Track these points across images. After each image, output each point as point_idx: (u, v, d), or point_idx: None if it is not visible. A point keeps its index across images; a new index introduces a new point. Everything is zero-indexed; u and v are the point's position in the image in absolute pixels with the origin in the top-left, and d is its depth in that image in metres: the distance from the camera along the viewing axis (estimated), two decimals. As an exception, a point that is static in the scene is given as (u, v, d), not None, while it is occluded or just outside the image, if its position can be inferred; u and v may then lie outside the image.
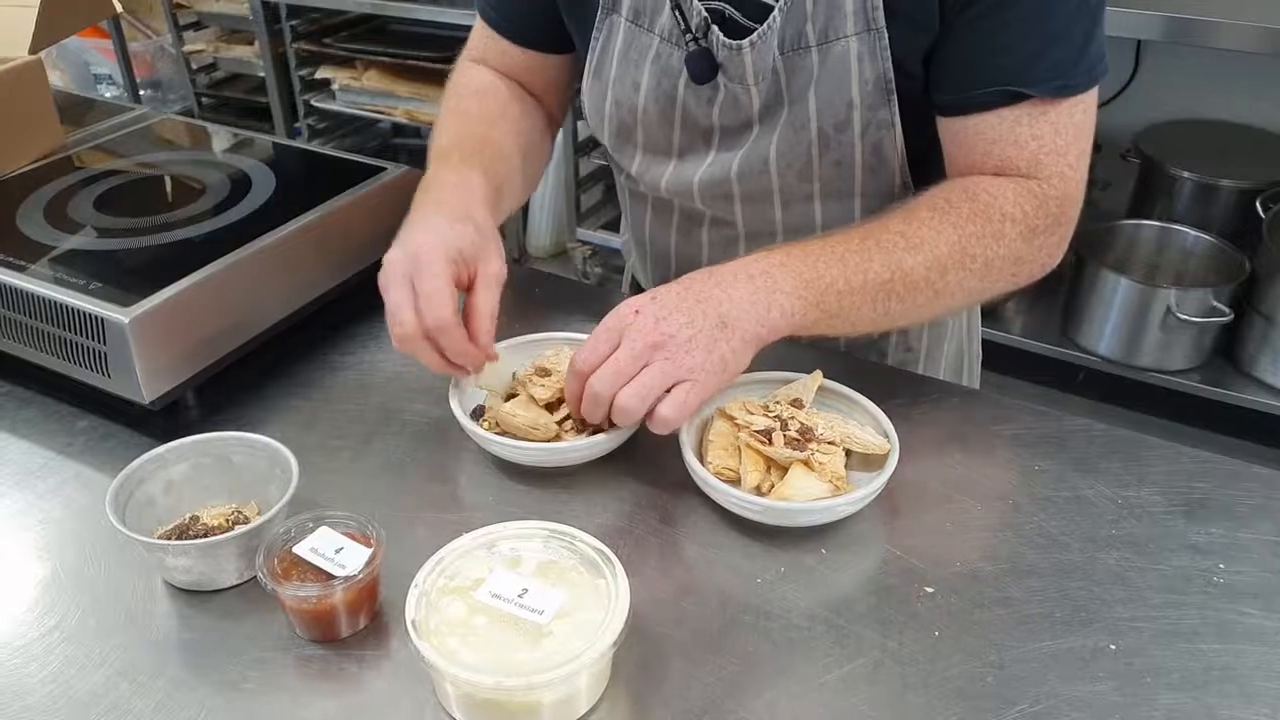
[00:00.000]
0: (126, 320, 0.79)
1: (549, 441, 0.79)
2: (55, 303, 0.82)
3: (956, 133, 0.83)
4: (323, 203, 0.97)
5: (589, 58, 0.93)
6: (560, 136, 2.78)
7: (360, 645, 0.66)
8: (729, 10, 0.84)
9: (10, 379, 0.91)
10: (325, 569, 0.65)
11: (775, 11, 0.82)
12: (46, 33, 1.10)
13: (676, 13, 0.85)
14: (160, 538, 0.71)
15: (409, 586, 0.62)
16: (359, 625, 0.67)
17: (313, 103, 2.99)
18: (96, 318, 0.80)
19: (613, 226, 2.88)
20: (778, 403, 0.79)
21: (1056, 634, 0.67)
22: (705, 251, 1.01)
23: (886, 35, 0.80)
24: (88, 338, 0.81)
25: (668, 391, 0.73)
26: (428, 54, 2.78)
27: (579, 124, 2.75)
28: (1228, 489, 0.79)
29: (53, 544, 0.74)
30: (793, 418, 0.77)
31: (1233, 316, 1.94)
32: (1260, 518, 0.76)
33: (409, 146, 3.36)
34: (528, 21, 0.98)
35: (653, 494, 0.79)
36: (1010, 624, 0.67)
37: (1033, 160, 0.80)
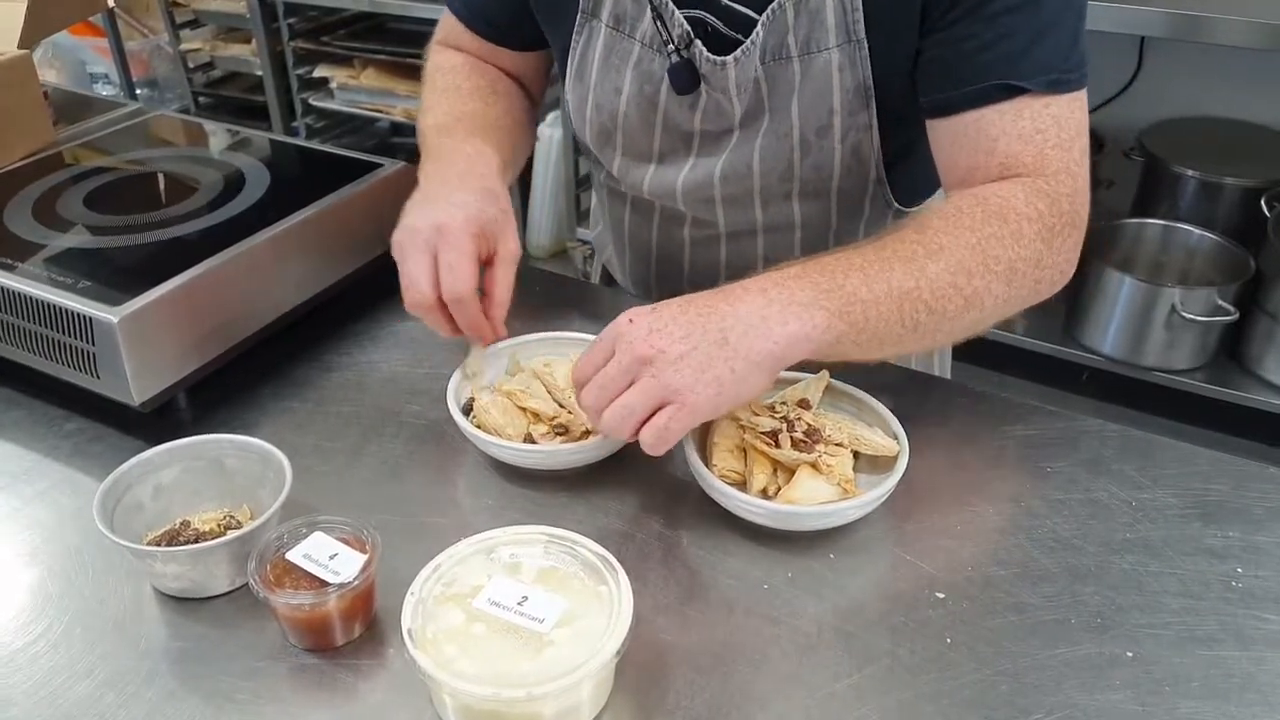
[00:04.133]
0: (115, 320, 0.77)
1: (519, 442, 0.77)
2: (43, 302, 0.80)
3: (955, 133, 0.80)
4: (318, 199, 0.95)
5: (569, 61, 0.93)
6: (559, 136, 2.79)
7: (355, 654, 0.64)
8: (710, 20, 0.84)
9: (-2, 380, 0.89)
10: (319, 576, 0.63)
11: (759, 26, 0.82)
12: (36, 27, 1.08)
13: (658, 23, 0.84)
14: (150, 543, 0.69)
15: (405, 594, 0.60)
16: (354, 634, 0.65)
17: (310, 101, 2.97)
18: (85, 317, 0.78)
19: (612, 226, 2.86)
20: (784, 403, 0.77)
21: (1072, 641, 0.65)
22: (686, 249, 1.01)
23: (866, 45, 0.81)
24: (76, 338, 0.79)
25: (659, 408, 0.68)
26: (426, 52, 2.76)
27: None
28: (1243, 491, 0.77)
29: (39, 549, 0.73)
30: (799, 419, 0.75)
31: (1238, 315, 1.93)
32: (1277, 520, 0.74)
33: (408, 145, 3.34)
34: (499, 22, 0.99)
35: (656, 497, 0.77)
36: (1024, 631, 0.66)
37: (1039, 155, 0.77)
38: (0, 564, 0.71)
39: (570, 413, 0.80)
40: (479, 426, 0.78)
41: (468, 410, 0.81)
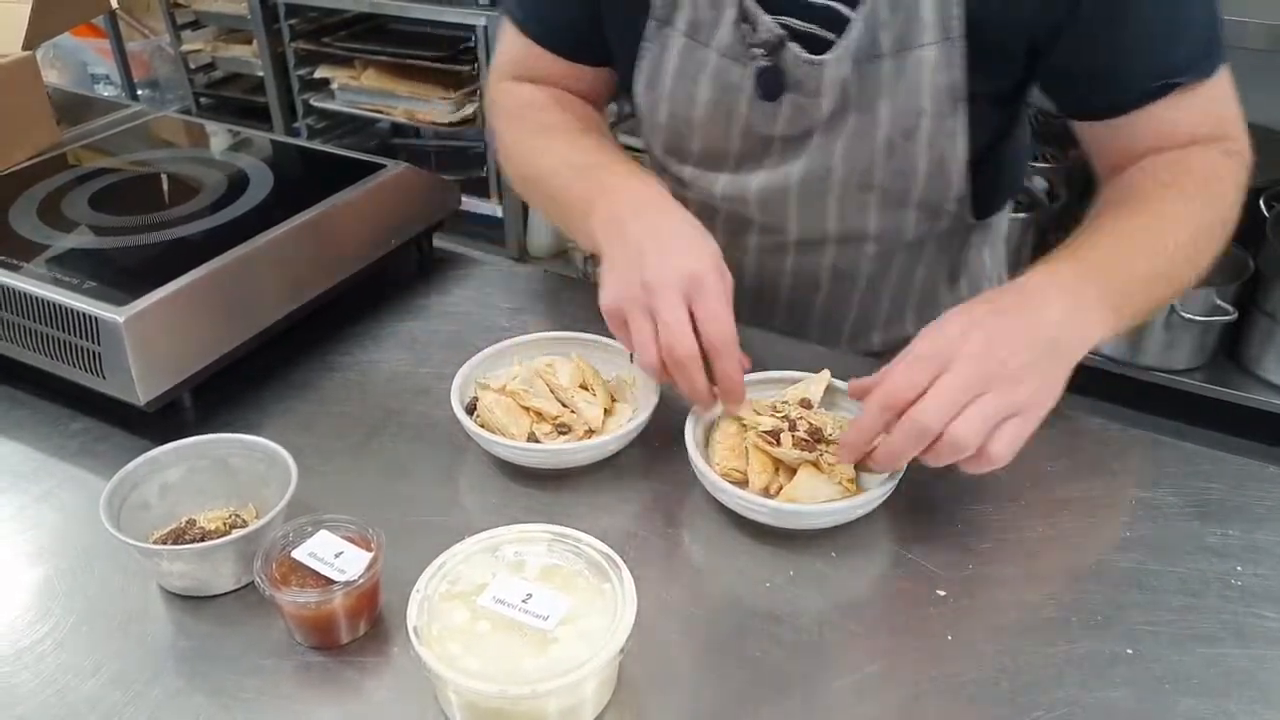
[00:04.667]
0: (121, 320, 0.78)
1: (523, 441, 0.78)
2: (49, 302, 0.81)
3: (1121, 131, 0.82)
4: (321, 200, 0.95)
5: (639, 70, 0.90)
6: (560, 136, 2.79)
7: (361, 652, 0.65)
8: (796, 25, 0.82)
9: (3, 380, 0.89)
10: (324, 574, 0.63)
11: (854, 21, 0.79)
12: (40, 28, 1.09)
13: (744, 25, 0.82)
14: (156, 542, 0.69)
15: (410, 592, 0.61)
16: (359, 631, 0.65)
17: (311, 102, 2.98)
18: (91, 317, 0.79)
19: (613, 226, 2.86)
20: (785, 403, 0.78)
21: (1072, 638, 0.65)
22: (751, 257, 0.99)
23: (964, 44, 0.78)
24: (82, 338, 0.80)
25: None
26: (427, 53, 2.77)
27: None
28: (1243, 490, 0.77)
29: (46, 549, 0.73)
30: (801, 418, 0.75)
31: (1237, 315, 1.93)
32: (1277, 519, 0.75)
33: (408, 146, 3.34)
34: (573, 36, 0.95)
35: (658, 496, 0.77)
36: (1025, 628, 0.66)
37: (1219, 122, 0.81)
38: (7, 563, 0.72)
39: (573, 411, 0.80)
40: (482, 426, 0.78)
41: (471, 409, 0.81)
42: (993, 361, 0.65)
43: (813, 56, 0.81)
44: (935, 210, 0.91)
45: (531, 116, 0.95)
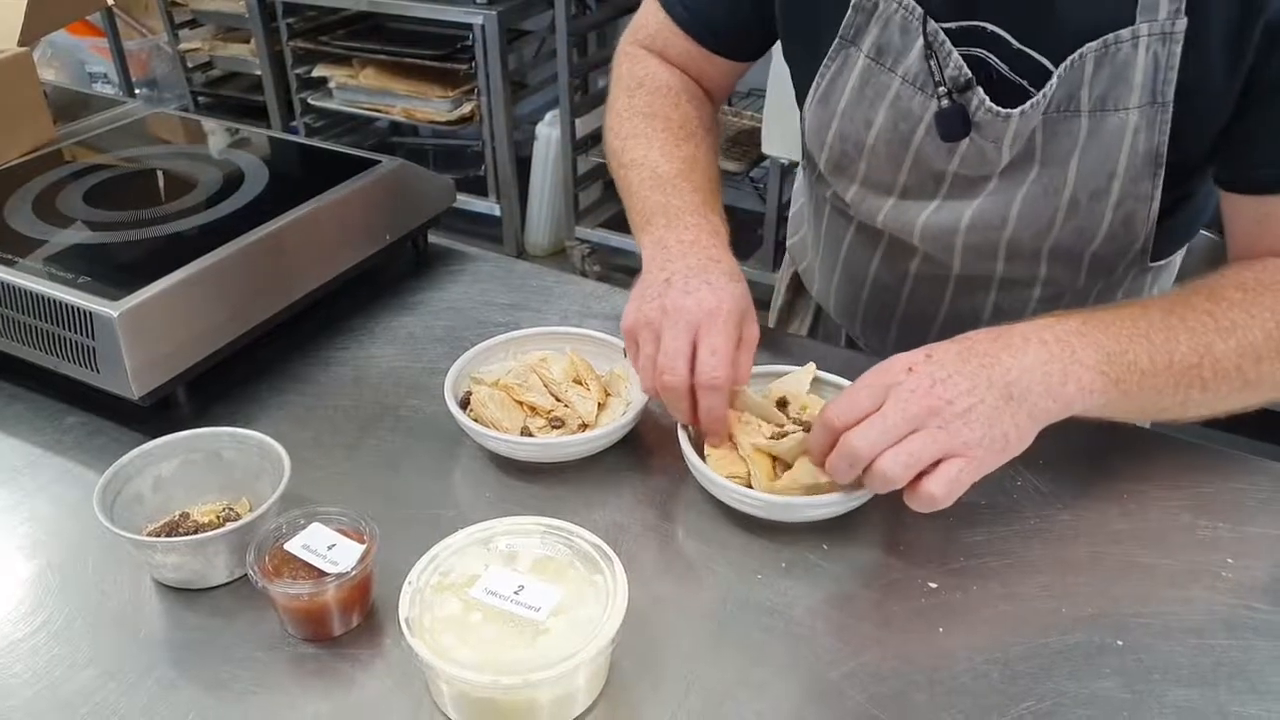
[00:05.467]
0: (115, 314, 0.78)
1: (516, 435, 0.78)
2: (43, 297, 0.81)
3: (1266, 212, 0.75)
4: (316, 196, 0.95)
5: (815, 83, 0.87)
6: (559, 136, 2.79)
7: (353, 644, 0.65)
8: (994, 64, 0.77)
9: (-2, 375, 0.89)
10: (317, 566, 0.64)
11: (1054, 78, 0.75)
12: (36, 24, 1.09)
13: (930, 61, 0.78)
14: (149, 535, 0.69)
15: (403, 584, 0.61)
16: (352, 623, 0.66)
17: (309, 101, 2.98)
18: (85, 312, 0.79)
19: (611, 225, 2.87)
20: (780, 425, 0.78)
21: (1062, 630, 0.65)
22: (909, 284, 0.96)
23: (1171, 109, 0.74)
24: (76, 332, 0.80)
25: (934, 464, 0.65)
26: (425, 51, 2.77)
27: (577, 121, 2.74)
28: (1234, 484, 0.78)
29: (40, 541, 0.73)
30: (796, 420, 0.76)
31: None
32: (1267, 512, 0.75)
33: (406, 144, 3.35)
34: (723, 28, 0.94)
35: (651, 490, 0.77)
36: (1015, 620, 0.66)
37: None
38: (2, 556, 0.72)
39: (566, 406, 0.81)
40: (476, 420, 0.79)
41: (465, 404, 0.81)
42: (935, 399, 0.64)
43: (999, 109, 0.77)
44: (1112, 265, 0.87)
45: (643, 98, 0.94)
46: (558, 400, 0.81)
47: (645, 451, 0.81)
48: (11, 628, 0.66)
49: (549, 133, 2.85)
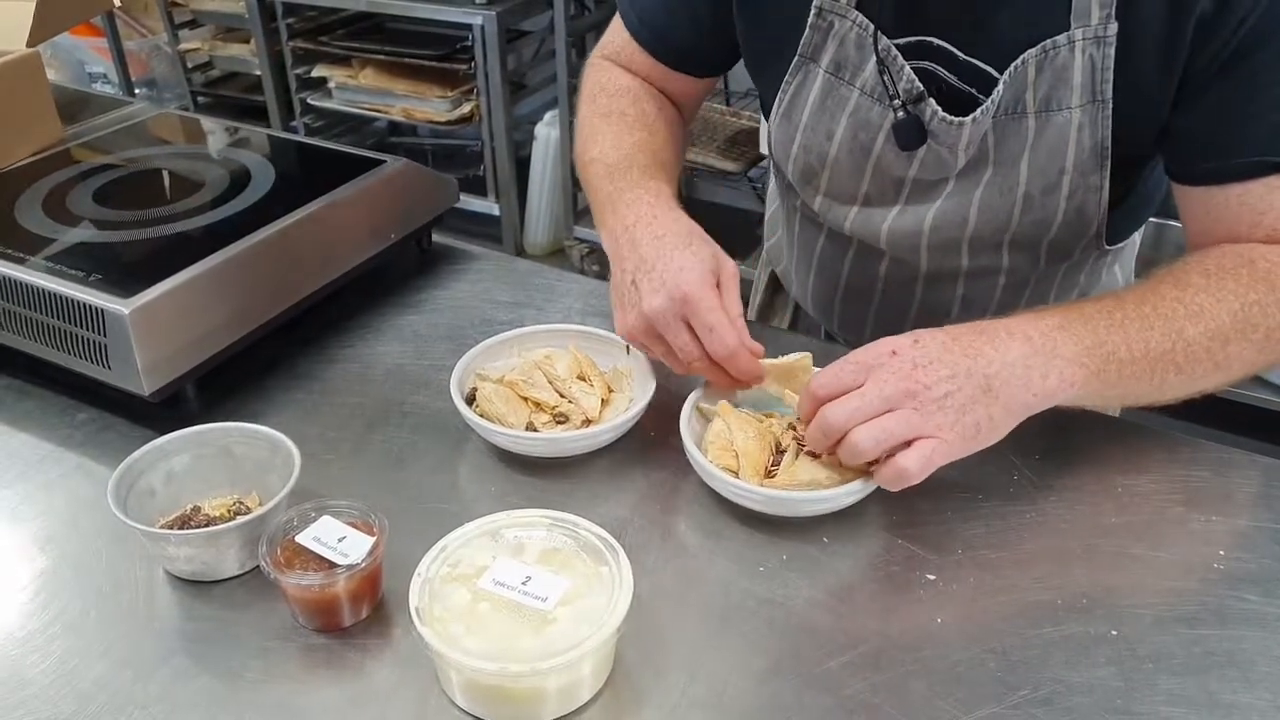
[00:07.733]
0: (127, 312, 0.79)
1: (522, 430, 0.79)
2: (55, 294, 0.82)
3: (1213, 203, 0.78)
4: (322, 195, 0.97)
5: (778, 99, 0.91)
6: (557, 136, 2.80)
7: (363, 634, 0.66)
8: (942, 75, 0.81)
9: (10, 372, 0.90)
10: (328, 558, 0.65)
11: (999, 84, 0.79)
12: (44, 26, 1.10)
13: (884, 77, 0.82)
14: (162, 528, 0.71)
15: (412, 575, 0.62)
16: (362, 614, 0.67)
17: (309, 101, 2.99)
18: (96, 309, 0.80)
19: (609, 224, 2.87)
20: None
21: (1058, 620, 0.67)
22: (880, 284, 0.99)
23: (1111, 106, 0.78)
24: (88, 329, 0.81)
25: (906, 444, 0.68)
26: (424, 52, 2.78)
27: (575, 121, 2.75)
28: (1226, 477, 0.79)
29: (54, 535, 0.74)
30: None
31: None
32: (1259, 505, 0.76)
33: (406, 145, 3.36)
34: (685, 47, 0.97)
35: (654, 484, 0.79)
36: (1012, 611, 0.68)
37: None
38: (17, 550, 0.73)
39: (571, 402, 0.82)
40: (482, 415, 0.80)
41: (470, 400, 0.82)
42: (913, 383, 0.67)
43: (951, 117, 0.81)
44: (1069, 250, 0.90)
45: (604, 101, 0.98)
46: (562, 396, 0.83)
47: (648, 446, 0.82)
48: (27, 620, 0.68)
49: (548, 133, 2.86)
